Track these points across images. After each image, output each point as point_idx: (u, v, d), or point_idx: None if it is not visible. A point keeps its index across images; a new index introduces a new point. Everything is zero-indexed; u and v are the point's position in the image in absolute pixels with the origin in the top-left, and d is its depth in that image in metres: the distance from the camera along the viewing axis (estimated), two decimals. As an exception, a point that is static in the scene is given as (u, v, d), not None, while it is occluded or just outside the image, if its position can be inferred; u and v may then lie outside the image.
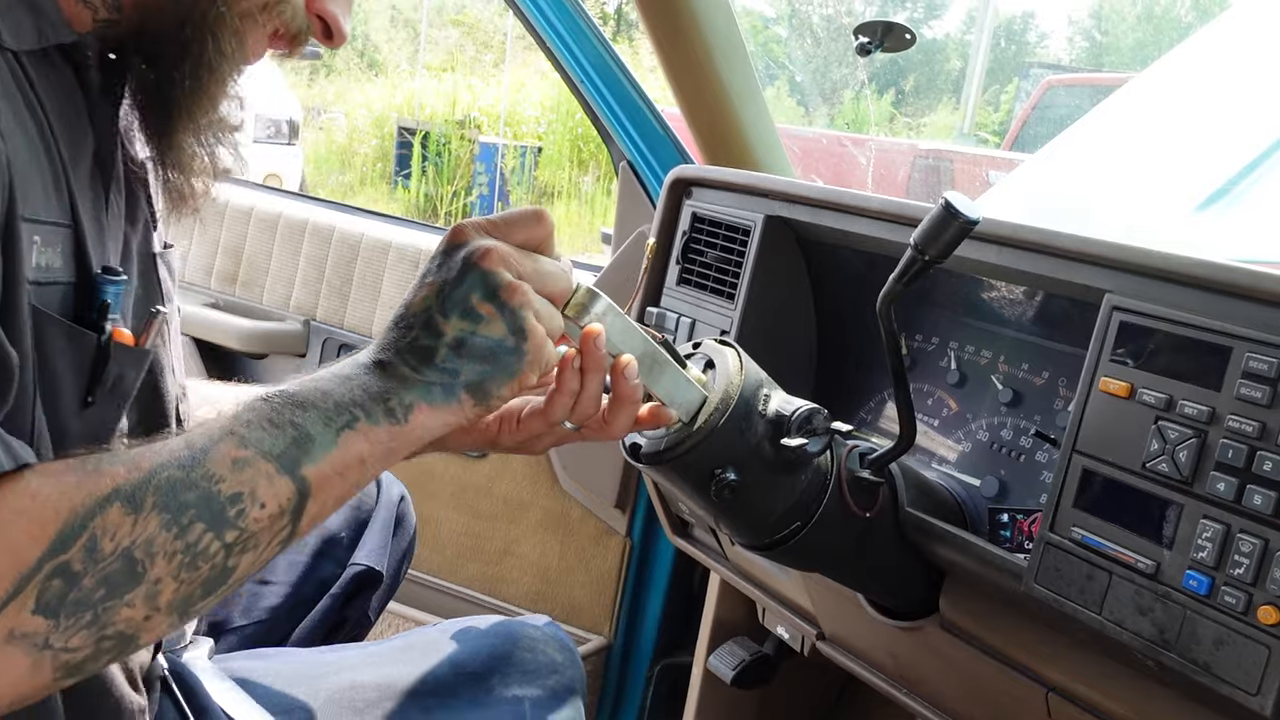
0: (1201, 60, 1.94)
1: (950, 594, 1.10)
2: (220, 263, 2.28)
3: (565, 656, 1.12)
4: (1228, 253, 0.89)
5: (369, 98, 11.34)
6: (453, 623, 1.16)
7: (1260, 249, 1.50)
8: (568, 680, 1.10)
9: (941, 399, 1.23)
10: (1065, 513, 0.93)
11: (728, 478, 0.92)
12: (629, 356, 0.86)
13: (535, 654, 1.10)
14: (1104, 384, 0.91)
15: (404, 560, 1.29)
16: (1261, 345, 0.81)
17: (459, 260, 0.79)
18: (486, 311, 0.78)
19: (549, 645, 1.12)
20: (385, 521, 1.27)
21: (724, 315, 1.38)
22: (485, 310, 0.78)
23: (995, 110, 10.15)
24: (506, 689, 1.06)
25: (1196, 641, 0.82)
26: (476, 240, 0.80)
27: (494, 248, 0.79)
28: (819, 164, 4.29)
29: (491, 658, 1.09)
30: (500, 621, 1.16)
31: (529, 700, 1.06)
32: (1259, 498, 0.79)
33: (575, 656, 1.15)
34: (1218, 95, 1.83)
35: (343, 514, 1.26)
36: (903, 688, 1.27)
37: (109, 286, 0.77)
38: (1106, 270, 0.94)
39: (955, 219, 0.88)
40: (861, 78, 5.69)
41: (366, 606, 1.25)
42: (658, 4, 1.52)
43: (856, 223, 1.23)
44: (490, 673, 1.08)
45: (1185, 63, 1.98)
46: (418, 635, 1.16)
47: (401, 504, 1.31)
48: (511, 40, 11.33)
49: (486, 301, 0.78)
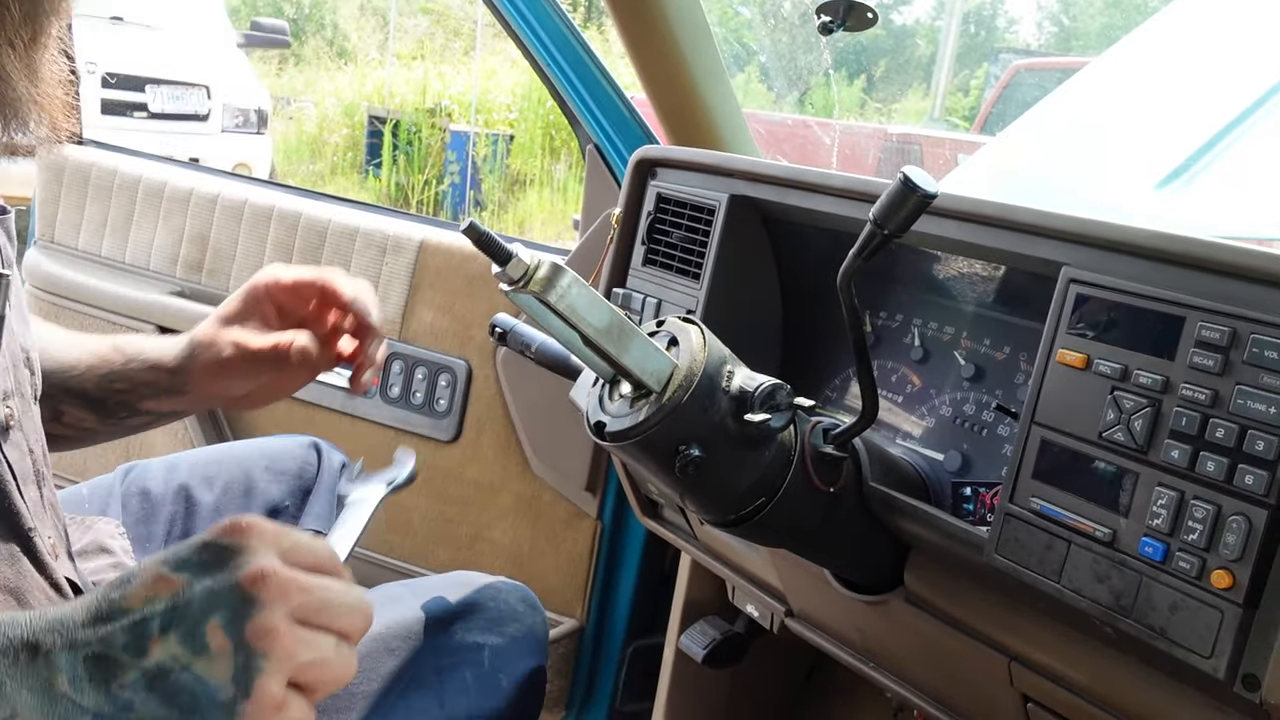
0: (1161, 40, 1.96)
1: (914, 567, 1.12)
2: (185, 250, 2.26)
3: (527, 607, 1.14)
4: (1188, 228, 0.90)
5: (339, 87, 11.25)
6: (416, 580, 1.18)
7: (1219, 224, 1.52)
8: (529, 627, 1.11)
9: (905, 375, 1.24)
10: (1024, 484, 0.94)
11: (692, 454, 0.93)
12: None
13: (498, 603, 1.12)
14: (1061, 356, 0.92)
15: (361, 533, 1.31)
16: (1213, 314, 0.82)
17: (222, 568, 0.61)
18: (217, 645, 0.59)
19: (511, 596, 1.14)
20: (329, 487, 1.28)
21: (690, 295, 1.38)
22: (216, 643, 0.59)
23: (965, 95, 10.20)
24: (468, 635, 1.08)
25: (1152, 607, 0.84)
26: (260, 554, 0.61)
27: (274, 575, 0.60)
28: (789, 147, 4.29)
29: (456, 606, 1.10)
30: (462, 573, 1.17)
31: (489, 647, 1.07)
32: (1211, 464, 0.81)
33: (538, 606, 1.16)
34: (1177, 74, 1.85)
35: (286, 484, 1.28)
36: (870, 662, 1.28)
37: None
38: (1063, 243, 0.96)
39: (913, 193, 0.88)
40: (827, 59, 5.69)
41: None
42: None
43: (820, 201, 1.24)
44: (454, 620, 1.10)
45: (1146, 43, 2.00)
46: (381, 590, 1.17)
47: (344, 471, 1.32)
48: (482, 27, 11.27)
49: (225, 633, 0.59)
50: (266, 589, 0.60)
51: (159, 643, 0.58)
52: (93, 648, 0.59)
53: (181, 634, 0.59)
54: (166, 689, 0.58)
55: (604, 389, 0.98)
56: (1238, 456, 0.79)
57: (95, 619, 0.59)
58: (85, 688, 0.58)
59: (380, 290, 2.08)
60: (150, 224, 2.28)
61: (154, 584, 0.60)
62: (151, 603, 0.60)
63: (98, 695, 0.58)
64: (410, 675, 1.04)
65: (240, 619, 0.59)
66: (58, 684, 0.58)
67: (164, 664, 0.58)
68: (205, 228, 2.25)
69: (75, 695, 0.58)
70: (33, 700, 0.57)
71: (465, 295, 1.97)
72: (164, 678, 0.58)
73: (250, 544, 0.61)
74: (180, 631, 0.59)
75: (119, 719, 0.58)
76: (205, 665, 0.59)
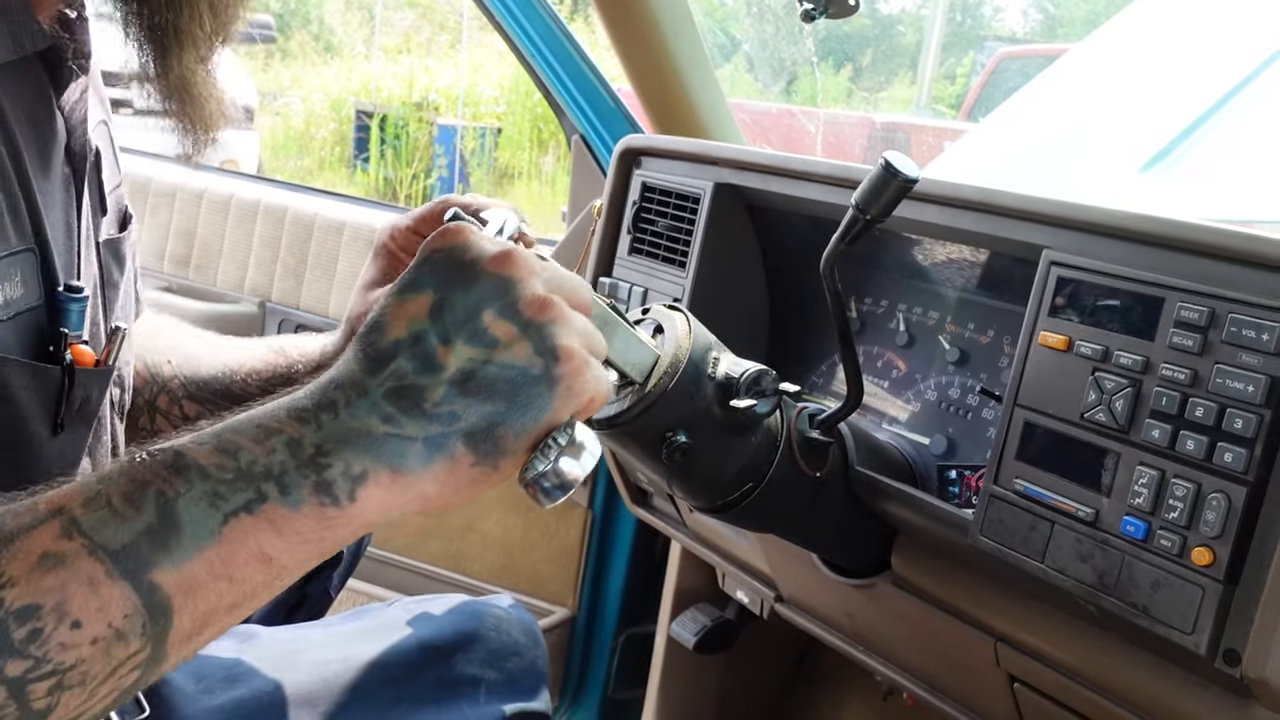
0: (1144, 25, 1.97)
1: (901, 550, 1.12)
2: (172, 246, 2.26)
3: (528, 639, 1.13)
4: (1172, 211, 0.91)
5: (325, 81, 11.20)
6: (415, 600, 1.17)
7: (1203, 207, 1.53)
8: (529, 662, 1.10)
9: (891, 360, 1.25)
10: (1008, 465, 0.95)
11: (679, 440, 0.94)
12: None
13: (500, 634, 1.10)
14: (1043, 338, 0.93)
15: (363, 537, 1.29)
16: (1192, 295, 0.83)
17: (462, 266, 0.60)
18: (504, 333, 0.59)
19: (513, 627, 1.13)
20: None
21: (676, 284, 1.38)
22: (502, 331, 0.59)
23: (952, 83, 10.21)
24: (468, 667, 1.07)
25: (1134, 585, 0.85)
26: (483, 245, 0.61)
27: (513, 250, 0.60)
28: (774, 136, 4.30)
29: (456, 635, 1.09)
30: (465, 601, 1.16)
31: (485, 683, 1.06)
32: (1191, 443, 0.81)
33: (539, 638, 1.15)
34: (1160, 59, 1.86)
35: None
36: (859, 646, 1.29)
37: (72, 305, 0.72)
38: (1044, 226, 0.96)
39: (894, 178, 0.89)
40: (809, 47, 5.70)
41: (327, 585, 1.25)
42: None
43: (804, 188, 1.24)
44: (454, 650, 1.08)
45: (1128, 28, 2.01)
46: (382, 613, 1.16)
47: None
48: (468, 21, 11.23)
49: (504, 320, 0.59)
50: (513, 266, 0.60)
51: (447, 352, 0.58)
52: (386, 385, 0.57)
53: (465, 336, 0.58)
54: (479, 387, 0.58)
55: (591, 377, 0.99)
56: (1217, 435, 0.80)
57: (371, 364, 0.58)
58: (401, 420, 0.56)
59: (368, 283, 2.07)
60: (136, 219, 2.28)
61: (400, 311, 0.59)
62: (413, 324, 0.58)
63: (416, 421, 0.56)
64: (408, 704, 1.03)
65: (510, 302, 0.59)
66: (374, 429, 0.56)
67: (464, 368, 0.58)
68: (192, 223, 2.25)
69: (396, 430, 0.56)
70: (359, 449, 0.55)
71: (453, 287, 1.97)
72: (471, 379, 0.58)
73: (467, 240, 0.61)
74: (462, 335, 0.58)
75: (451, 432, 0.57)
76: (503, 353, 0.58)
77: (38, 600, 0.48)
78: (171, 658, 0.53)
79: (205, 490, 0.53)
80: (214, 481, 0.53)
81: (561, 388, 0.59)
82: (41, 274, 0.71)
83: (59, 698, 0.49)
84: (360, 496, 0.55)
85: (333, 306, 2.13)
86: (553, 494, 0.61)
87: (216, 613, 0.54)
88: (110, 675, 0.51)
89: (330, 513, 0.55)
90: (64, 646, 0.49)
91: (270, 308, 2.21)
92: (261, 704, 0.98)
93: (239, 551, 0.53)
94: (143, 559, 0.51)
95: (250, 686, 1.00)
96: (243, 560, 0.53)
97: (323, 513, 0.54)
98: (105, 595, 0.49)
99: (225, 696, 0.98)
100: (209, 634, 0.55)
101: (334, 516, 0.55)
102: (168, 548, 0.51)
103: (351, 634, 1.10)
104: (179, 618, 0.52)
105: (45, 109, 0.76)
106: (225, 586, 0.53)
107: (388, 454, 0.56)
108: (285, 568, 0.55)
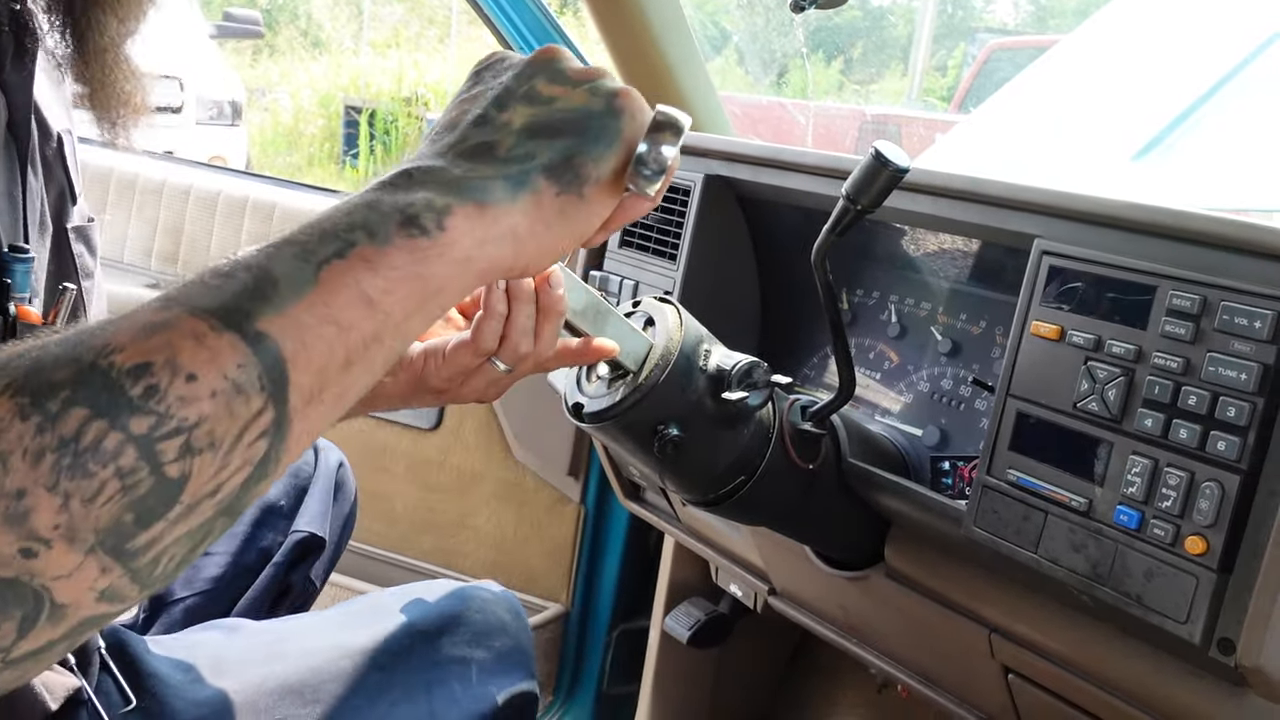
0: (1134, 14, 1.97)
1: (895, 542, 1.12)
2: (160, 243, 2.24)
3: (514, 618, 1.13)
4: (1165, 199, 0.90)
5: (313, 77, 11.16)
6: (402, 588, 1.17)
7: (1196, 195, 1.52)
8: (515, 640, 1.11)
9: (883, 352, 1.25)
10: (1001, 456, 0.94)
11: (671, 433, 0.93)
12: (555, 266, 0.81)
13: (485, 615, 1.11)
14: (1035, 328, 0.92)
15: (346, 526, 1.29)
16: (1184, 283, 0.82)
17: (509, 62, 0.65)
18: (560, 91, 0.63)
19: (498, 607, 1.13)
20: (325, 488, 1.26)
21: (666, 276, 1.38)
22: (558, 90, 0.63)
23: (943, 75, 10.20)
24: (455, 649, 1.07)
25: (1128, 574, 0.84)
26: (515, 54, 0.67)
27: (548, 46, 0.66)
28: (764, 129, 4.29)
29: (442, 618, 1.09)
30: (449, 584, 1.16)
31: (475, 663, 1.06)
32: (1184, 432, 0.81)
33: (524, 618, 1.16)
34: (1151, 48, 1.86)
35: (281, 482, 1.25)
36: (853, 639, 1.29)
37: (16, 265, 0.74)
38: (1035, 216, 0.96)
39: (885, 168, 0.88)
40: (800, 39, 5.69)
41: (310, 573, 1.25)
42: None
43: (794, 179, 1.23)
44: (440, 632, 1.08)
45: (1119, 18, 2.01)
46: (368, 600, 1.16)
47: (340, 470, 1.30)
48: (457, 15, 11.20)
49: (556, 84, 0.63)
50: (552, 52, 0.64)
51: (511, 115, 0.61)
52: (457, 148, 0.60)
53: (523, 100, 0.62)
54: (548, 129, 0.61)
55: (582, 370, 0.98)
56: (1210, 423, 0.80)
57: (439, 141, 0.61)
58: (478, 167, 0.59)
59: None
60: (124, 217, 2.26)
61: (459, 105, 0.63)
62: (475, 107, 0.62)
63: (493, 165, 0.59)
64: (399, 689, 1.03)
65: (558, 69, 0.63)
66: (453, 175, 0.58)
67: (528, 122, 0.61)
68: (179, 220, 2.24)
69: (475, 173, 0.59)
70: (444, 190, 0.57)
71: (443, 282, 1.96)
72: (538, 125, 0.61)
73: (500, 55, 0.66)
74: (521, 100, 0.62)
75: (530, 168, 0.60)
76: (564, 102, 0.62)
77: (148, 359, 0.47)
78: (296, 426, 0.51)
79: (294, 251, 0.53)
80: (300, 244, 0.53)
81: (626, 117, 0.62)
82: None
83: (191, 463, 0.48)
84: (449, 226, 0.56)
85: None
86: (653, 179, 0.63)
87: (330, 370, 0.52)
88: (238, 440, 0.49)
89: (422, 243, 0.55)
90: (183, 400, 0.47)
91: (260, 304, 2.20)
92: (249, 695, 0.97)
93: (340, 293, 0.52)
94: (245, 311, 0.50)
95: (238, 678, 0.99)
96: (345, 302, 0.52)
97: (414, 244, 0.55)
98: (213, 346, 0.48)
99: (213, 688, 0.97)
100: (329, 400, 0.53)
101: (426, 248, 0.55)
102: (267, 297, 0.51)
103: (337, 623, 1.10)
104: (293, 370, 0.51)
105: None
106: (333, 333, 0.52)
107: (471, 190, 0.57)
108: (389, 314, 0.54)
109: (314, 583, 1.25)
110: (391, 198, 0.56)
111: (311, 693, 0.99)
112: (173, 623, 1.15)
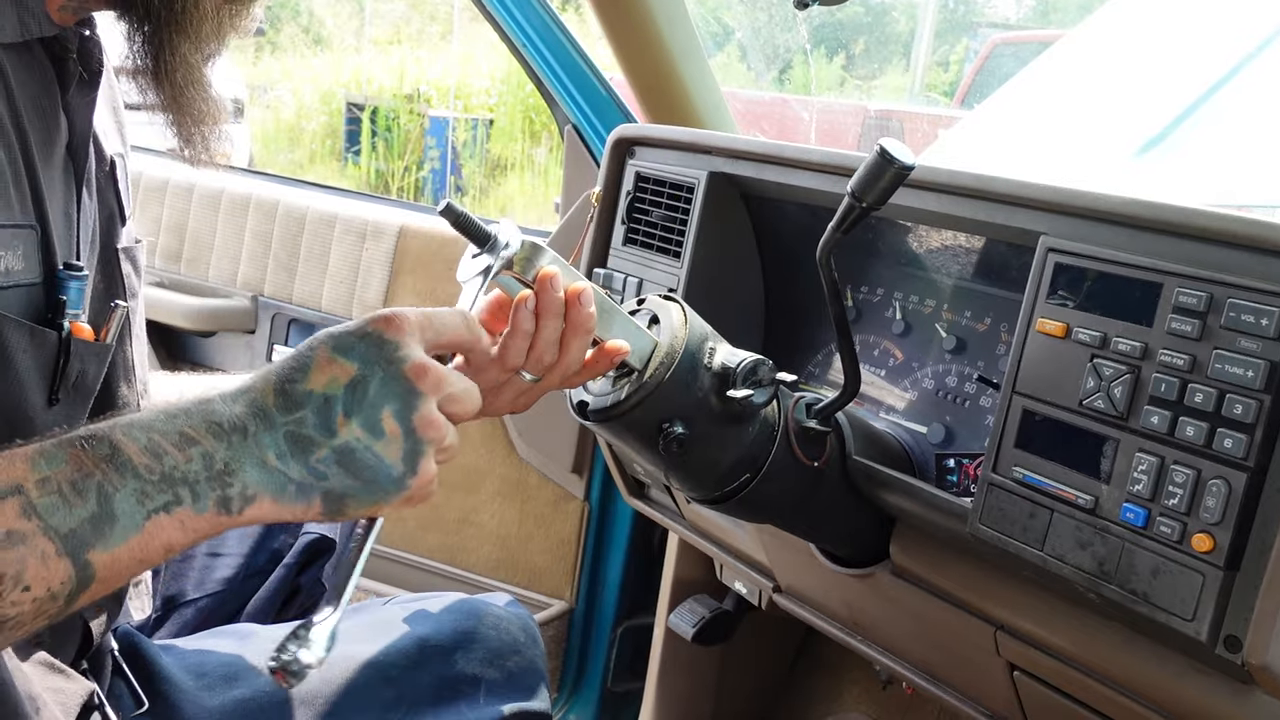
0: (1137, 10, 1.96)
1: (900, 540, 1.12)
2: (164, 240, 2.24)
3: (527, 637, 1.12)
4: (1168, 195, 0.90)
5: (315, 74, 11.15)
6: (412, 598, 1.16)
7: (1200, 191, 1.52)
8: (528, 661, 1.10)
9: (888, 349, 1.24)
10: (1007, 453, 0.94)
11: (676, 431, 0.93)
12: (585, 284, 0.84)
13: (499, 632, 1.10)
14: (1041, 325, 0.92)
15: (355, 527, 1.28)
16: (1190, 280, 0.82)
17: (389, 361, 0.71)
18: (390, 431, 0.71)
19: (512, 625, 1.12)
20: None
21: (671, 274, 1.38)
22: (390, 429, 0.71)
23: (945, 70, 10.18)
24: (468, 667, 1.06)
25: (1135, 572, 0.84)
26: (413, 347, 0.72)
27: (431, 368, 0.72)
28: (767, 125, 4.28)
29: (456, 634, 1.08)
30: (462, 599, 1.16)
31: (486, 682, 1.06)
32: (1191, 429, 0.81)
33: (537, 638, 1.15)
34: (1154, 44, 1.86)
35: None
36: (858, 635, 1.29)
37: (71, 283, 0.77)
38: (1041, 213, 0.96)
39: (891, 165, 0.88)
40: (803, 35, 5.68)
41: (320, 575, 1.24)
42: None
43: (798, 176, 1.23)
44: (454, 649, 1.08)
45: (1122, 13, 2.00)
46: (379, 611, 1.16)
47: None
48: (459, 12, 11.19)
49: (397, 421, 0.71)
50: (426, 383, 0.71)
51: (345, 425, 0.70)
52: (289, 428, 0.70)
53: (362, 420, 0.70)
54: (352, 464, 0.70)
55: (586, 369, 0.98)
56: (1217, 421, 0.80)
57: (284, 403, 0.70)
58: (290, 462, 0.69)
59: (360, 276, 2.07)
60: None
61: (328, 368, 0.71)
62: (331, 386, 0.70)
63: (299, 467, 0.69)
64: (408, 704, 1.03)
65: (409, 410, 0.71)
66: (269, 460, 0.69)
67: (349, 443, 0.70)
68: (183, 217, 2.24)
69: (283, 468, 0.69)
70: (255, 474, 0.68)
71: (447, 279, 1.96)
72: (350, 455, 0.70)
73: (404, 338, 0.72)
74: (361, 418, 0.70)
75: (315, 487, 0.70)
76: (383, 447, 0.71)
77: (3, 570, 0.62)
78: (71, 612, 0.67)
79: (135, 488, 0.66)
80: (143, 481, 0.66)
81: (404, 496, 0.72)
82: (42, 254, 0.75)
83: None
84: (247, 513, 0.69)
85: (325, 300, 2.12)
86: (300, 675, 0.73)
87: (114, 585, 0.68)
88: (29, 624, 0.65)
89: (224, 520, 0.69)
90: (14, 605, 0.63)
91: (263, 302, 2.20)
92: (262, 703, 0.98)
93: (153, 543, 0.67)
94: (83, 542, 0.64)
95: (251, 686, 0.99)
96: (154, 549, 0.67)
97: (218, 520, 0.68)
98: (52, 569, 0.63)
99: (226, 695, 0.98)
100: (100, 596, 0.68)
101: (226, 523, 0.69)
102: (103, 534, 0.65)
103: (350, 632, 1.10)
104: (95, 587, 0.66)
105: (50, 101, 0.79)
106: (137, 566, 0.67)
107: (272, 485, 0.69)
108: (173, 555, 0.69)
109: (324, 585, 1.25)
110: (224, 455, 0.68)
111: (322, 703, 0.99)
112: (184, 623, 1.15)
